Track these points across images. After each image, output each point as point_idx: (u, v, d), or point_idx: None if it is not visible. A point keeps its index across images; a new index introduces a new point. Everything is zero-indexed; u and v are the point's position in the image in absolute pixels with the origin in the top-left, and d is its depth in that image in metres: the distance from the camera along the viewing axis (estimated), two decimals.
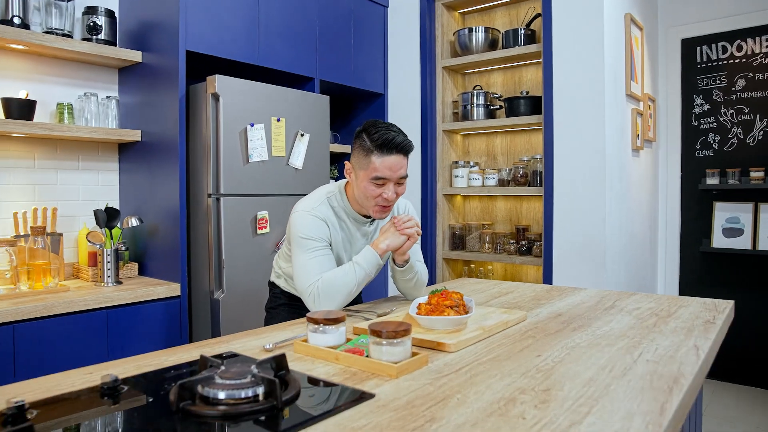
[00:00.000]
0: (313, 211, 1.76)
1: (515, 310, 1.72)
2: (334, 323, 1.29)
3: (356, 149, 1.75)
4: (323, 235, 1.74)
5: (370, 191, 1.70)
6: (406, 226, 1.74)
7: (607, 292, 2.02)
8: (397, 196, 1.75)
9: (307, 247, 1.71)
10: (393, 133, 1.69)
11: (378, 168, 1.68)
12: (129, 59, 2.75)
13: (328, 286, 1.65)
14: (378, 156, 1.68)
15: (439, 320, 1.40)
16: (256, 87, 2.70)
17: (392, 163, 1.68)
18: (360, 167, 1.72)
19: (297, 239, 1.74)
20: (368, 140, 1.69)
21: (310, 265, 1.69)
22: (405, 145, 1.70)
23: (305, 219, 1.74)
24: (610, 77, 2.98)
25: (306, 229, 1.73)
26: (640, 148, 3.44)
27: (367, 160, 1.69)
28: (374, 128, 1.70)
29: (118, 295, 2.38)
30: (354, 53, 3.54)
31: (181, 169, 2.60)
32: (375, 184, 1.70)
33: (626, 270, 3.22)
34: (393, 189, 1.71)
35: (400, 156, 1.70)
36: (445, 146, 3.67)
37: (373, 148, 1.68)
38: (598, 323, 1.54)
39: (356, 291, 1.69)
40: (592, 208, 2.94)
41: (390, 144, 1.67)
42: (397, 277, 1.89)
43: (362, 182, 1.71)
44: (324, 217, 1.76)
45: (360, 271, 1.68)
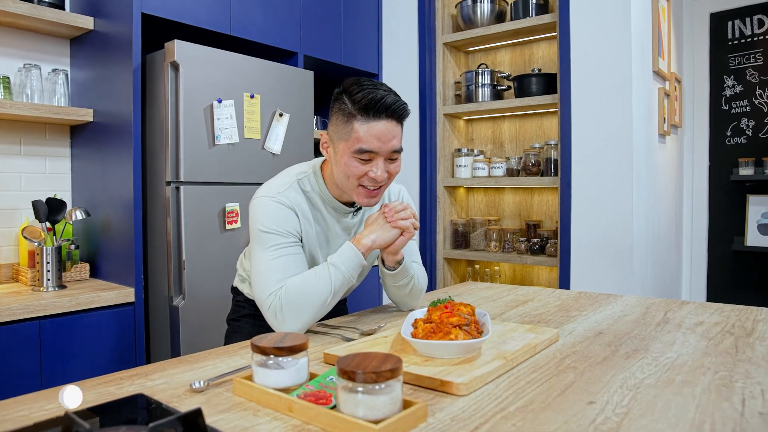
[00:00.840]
0: (279, 196, 1.35)
1: (541, 326, 1.32)
2: (291, 353, 0.89)
3: (335, 115, 1.34)
4: (291, 227, 1.34)
5: (353, 169, 1.30)
6: (399, 217, 1.34)
7: (651, 301, 1.62)
8: (390, 177, 1.35)
9: (268, 243, 1.31)
10: (383, 92, 1.29)
11: (362, 137, 1.27)
12: (78, 25, 2.35)
13: (293, 297, 1.25)
14: (362, 121, 1.27)
15: (443, 346, 1.00)
16: (224, 56, 2.29)
17: (381, 130, 1.28)
18: (339, 138, 1.32)
19: (256, 233, 1.33)
20: (349, 102, 1.29)
21: (272, 267, 1.29)
22: (398, 108, 1.30)
23: (267, 207, 1.34)
24: (637, 50, 2.58)
25: (268, 220, 1.32)
26: (667, 134, 3.04)
27: (348, 128, 1.29)
28: (358, 86, 1.30)
29: (55, 303, 1.98)
30: (344, 27, 3.13)
31: (135, 152, 2.19)
32: (359, 160, 1.29)
33: (653, 272, 2.82)
34: (383, 166, 1.31)
35: (392, 122, 1.30)
36: (447, 132, 3.27)
37: (355, 111, 1.28)
38: (657, 345, 1.14)
39: (332, 302, 1.28)
40: (618, 200, 2.54)
41: (378, 105, 1.27)
42: (388, 282, 1.48)
43: (342, 157, 1.31)
44: (292, 205, 1.36)
45: (336, 276, 1.27)
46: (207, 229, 2.23)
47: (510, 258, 2.97)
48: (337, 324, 1.39)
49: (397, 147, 1.31)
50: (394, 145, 1.30)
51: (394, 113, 1.29)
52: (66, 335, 2.01)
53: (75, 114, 2.35)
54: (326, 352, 1.08)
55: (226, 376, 0.97)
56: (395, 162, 1.35)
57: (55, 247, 2.17)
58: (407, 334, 1.07)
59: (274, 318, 1.26)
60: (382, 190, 1.37)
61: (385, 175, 1.32)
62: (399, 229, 1.34)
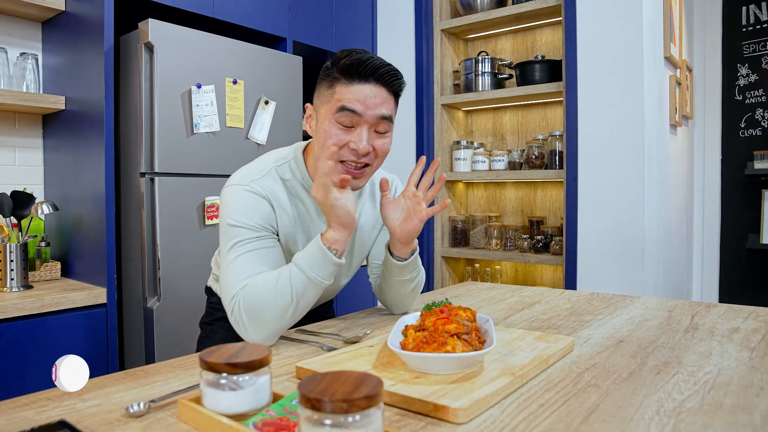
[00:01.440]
0: (252, 184, 1.18)
1: (552, 332, 1.15)
2: (247, 370, 0.72)
3: (320, 81, 1.18)
4: (263, 220, 1.16)
5: (333, 136, 1.12)
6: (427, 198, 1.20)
7: (673, 303, 1.44)
8: (377, 156, 1.16)
9: (236, 238, 1.13)
10: (372, 56, 1.13)
11: (344, 97, 1.10)
12: (48, 5, 2.17)
13: (251, 303, 1.07)
14: (346, 83, 1.11)
15: (437, 360, 0.82)
16: (204, 38, 2.12)
17: (366, 93, 1.11)
18: (321, 103, 1.15)
19: (224, 227, 1.16)
20: (335, 67, 1.13)
21: (237, 266, 1.11)
22: (386, 72, 1.12)
23: (238, 197, 1.16)
24: (649, 34, 2.41)
25: (237, 212, 1.15)
26: (678, 125, 2.87)
27: (330, 92, 1.13)
28: (346, 52, 1.13)
29: (16, 304, 1.80)
30: (336, 12, 2.95)
31: (107, 141, 2.02)
32: (339, 126, 1.12)
33: (664, 271, 2.65)
34: (367, 135, 1.12)
35: (380, 87, 1.12)
36: (445, 124, 3.10)
37: (339, 74, 1.12)
38: (691, 357, 0.97)
39: (300, 309, 1.08)
40: (628, 195, 2.37)
41: (364, 66, 1.10)
42: (393, 276, 1.28)
43: (322, 124, 1.14)
44: (267, 194, 1.18)
45: (298, 279, 1.06)
46: (185, 224, 2.06)
47: (512, 256, 2.80)
48: (318, 330, 1.22)
49: (384, 113, 1.13)
50: (380, 111, 1.12)
51: (383, 78, 1.12)
52: (28, 340, 1.84)
53: (44, 101, 2.18)
54: (299, 365, 0.91)
55: (172, 397, 0.80)
56: (383, 137, 1.16)
57: (20, 244, 2.00)
58: (395, 344, 0.90)
59: (237, 327, 1.08)
60: (368, 170, 1.18)
61: (369, 148, 1.13)
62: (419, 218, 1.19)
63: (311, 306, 1.11)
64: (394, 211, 1.21)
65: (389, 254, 1.27)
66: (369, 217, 1.36)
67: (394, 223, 1.21)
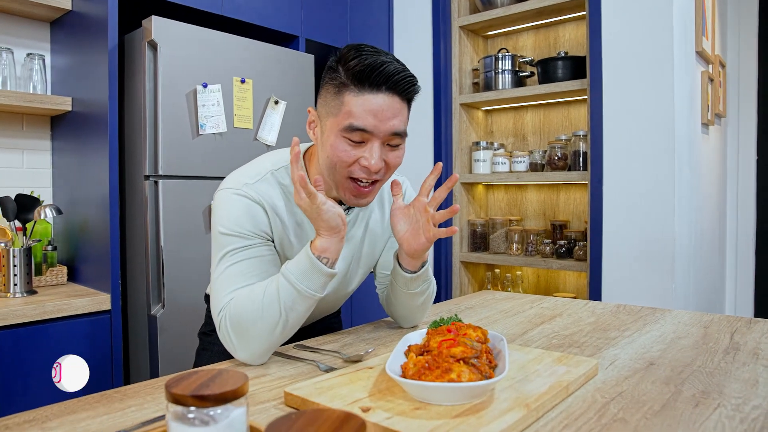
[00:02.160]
0: (245, 188, 1.09)
1: (573, 352, 1.04)
2: (218, 403, 0.62)
3: (324, 86, 1.06)
4: (256, 227, 1.07)
5: (341, 153, 1.02)
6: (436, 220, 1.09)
7: (708, 318, 1.32)
8: (388, 170, 1.07)
9: (226, 247, 1.04)
10: (384, 58, 1.01)
11: (354, 112, 0.99)
12: (54, 5, 2.13)
13: (236, 318, 0.98)
14: (356, 93, 0.99)
15: (439, 389, 0.72)
16: (210, 35, 2.05)
17: (378, 105, 0.99)
18: (328, 113, 1.04)
19: (215, 235, 1.07)
20: (343, 70, 1.01)
21: (226, 277, 1.02)
22: (401, 80, 1.01)
23: (229, 202, 1.08)
24: (679, 29, 2.27)
25: (228, 219, 1.06)
26: (711, 124, 2.71)
27: (338, 101, 1.01)
28: (355, 51, 1.02)
29: (16, 311, 1.75)
30: (351, 8, 2.87)
31: (111, 143, 1.96)
32: (348, 141, 1.01)
33: (696, 281, 2.50)
34: (379, 151, 1.02)
35: (393, 97, 1.01)
36: (464, 124, 2.99)
37: (348, 80, 1.00)
38: (735, 386, 0.85)
39: (291, 324, 0.99)
40: (657, 198, 2.23)
41: (376, 74, 0.98)
42: (401, 288, 1.18)
43: (329, 138, 1.03)
44: (261, 199, 1.09)
45: (286, 291, 0.96)
46: (190, 228, 1.99)
47: (533, 262, 2.68)
48: (318, 346, 1.13)
49: (398, 129, 1.03)
50: (394, 126, 1.01)
51: (397, 86, 1.01)
52: (30, 347, 1.79)
53: (51, 102, 2.13)
54: (288, 390, 0.82)
55: (141, 428, 0.71)
56: (396, 150, 1.06)
57: (23, 248, 1.95)
58: (395, 368, 0.80)
59: (225, 343, 1.00)
60: (376, 186, 1.08)
61: (381, 164, 1.03)
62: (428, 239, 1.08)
63: (304, 320, 1.02)
64: (404, 221, 1.11)
65: (398, 265, 1.18)
66: (377, 224, 1.26)
67: (403, 235, 1.12)
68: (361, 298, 2.63)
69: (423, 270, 1.17)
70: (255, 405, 0.82)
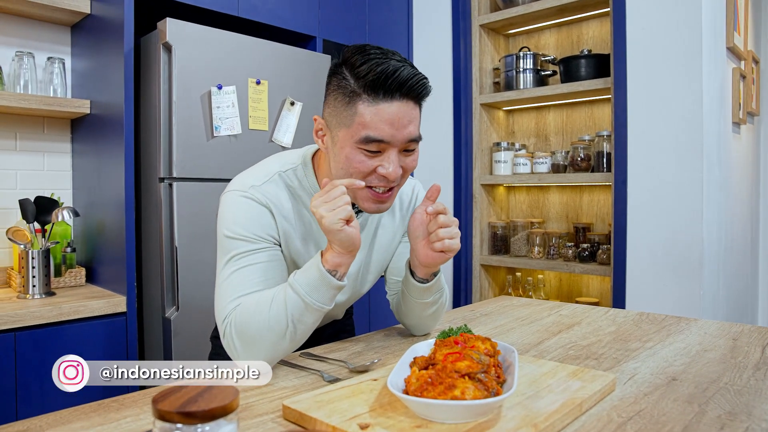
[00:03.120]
0: (251, 191, 1.06)
1: (590, 365, 0.98)
2: (205, 420, 0.60)
3: (332, 94, 1.01)
4: (262, 230, 1.04)
5: (357, 164, 0.98)
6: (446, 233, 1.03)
7: (737, 328, 1.25)
8: (405, 175, 1.03)
9: (232, 251, 1.02)
10: (396, 63, 0.96)
11: (369, 122, 0.95)
12: (73, 9, 2.14)
13: (242, 326, 0.95)
14: (369, 103, 0.95)
15: (441, 408, 0.68)
16: (224, 37, 2.04)
17: (394, 113, 0.95)
18: (339, 123, 0.99)
19: (221, 238, 1.05)
20: (352, 77, 0.96)
21: (232, 283, 1.00)
22: (415, 84, 0.96)
23: (235, 205, 1.05)
24: (708, 24, 2.18)
25: (234, 223, 1.03)
26: (742, 122, 2.61)
27: (350, 111, 0.97)
28: (362, 56, 0.97)
29: (34, 312, 1.76)
30: (369, 8, 2.84)
31: (127, 145, 1.96)
32: (364, 152, 0.97)
33: (726, 288, 2.40)
34: (396, 159, 0.98)
35: (408, 102, 0.97)
36: (484, 124, 2.93)
37: (360, 89, 0.95)
38: (766, 406, 0.79)
39: (299, 333, 0.96)
40: (684, 200, 2.15)
41: (391, 80, 0.94)
42: (413, 296, 1.14)
43: (343, 149, 0.99)
44: (267, 202, 1.05)
45: (294, 301, 0.94)
46: (204, 231, 1.98)
47: (555, 266, 2.61)
48: (325, 354, 1.10)
49: (414, 135, 0.99)
50: (410, 133, 0.98)
51: (411, 91, 0.96)
52: (46, 349, 1.80)
53: (70, 105, 2.15)
54: (286, 404, 0.79)
55: None
56: (411, 154, 1.02)
57: (42, 250, 1.97)
58: (398, 382, 0.76)
59: (229, 352, 0.97)
60: (394, 192, 1.04)
61: (399, 171, 0.99)
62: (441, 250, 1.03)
63: (312, 330, 0.99)
64: (421, 228, 1.07)
65: (410, 273, 1.14)
66: (387, 230, 1.23)
67: (418, 243, 1.08)
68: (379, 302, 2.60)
69: (435, 280, 1.13)
70: (253, 418, 0.79)
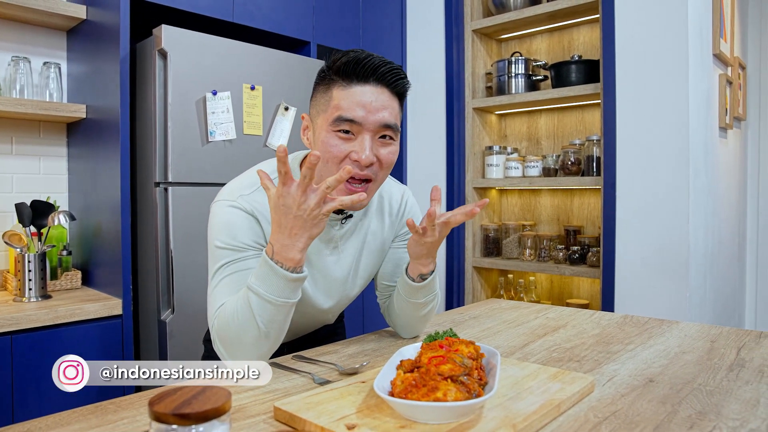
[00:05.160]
0: (239, 200, 1.09)
1: (571, 368, 1.02)
2: (199, 421, 0.63)
3: (316, 90, 1.10)
4: (249, 238, 1.07)
5: (332, 147, 1.02)
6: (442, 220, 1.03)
7: (716, 331, 1.29)
8: (381, 166, 1.06)
9: (220, 261, 1.05)
10: (369, 54, 1.03)
11: (341, 104, 1.01)
12: (69, 14, 2.17)
13: (222, 331, 1.00)
14: (343, 86, 1.02)
15: (423, 409, 0.72)
16: (219, 43, 2.07)
17: (366, 97, 1.01)
18: (318, 112, 1.07)
19: (211, 248, 1.08)
20: (332, 69, 1.04)
21: (219, 291, 1.04)
22: (387, 71, 1.02)
23: (223, 215, 1.08)
24: (695, 31, 2.23)
25: (221, 232, 1.06)
26: (729, 127, 2.65)
27: (327, 97, 1.04)
28: (343, 53, 1.05)
29: (30, 315, 1.79)
30: (363, 13, 2.87)
31: (123, 150, 1.99)
32: (338, 135, 1.02)
33: (713, 290, 2.44)
34: (369, 143, 1.02)
35: (381, 88, 1.03)
36: (477, 128, 2.97)
37: (336, 76, 1.03)
38: (734, 407, 0.83)
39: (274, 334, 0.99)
40: (672, 204, 2.19)
41: (362, 66, 1.01)
42: (405, 296, 1.18)
43: (320, 135, 1.05)
44: (253, 210, 1.08)
45: (257, 304, 0.95)
46: (199, 234, 2.00)
47: (546, 268, 2.65)
48: (316, 357, 1.13)
49: (388, 121, 1.03)
50: (384, 118, 1.02)
51: (383, 78, 1.02)
52: (43, 352, 1.82)
53: (66, 110, 2.17)
54: (277, 405, 0.82)
55: None
56: (389, 146, 1.06)
57: (38, 253, 1.99)
58: (383, 385, 0.80)
59: (220, 355, 1.00)
60: (371, 187, 1.07)
61: (373, 158, 1.03)
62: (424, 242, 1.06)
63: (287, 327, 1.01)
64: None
65: (405, 272, 1.17)
66: (376, 235, 1.26)
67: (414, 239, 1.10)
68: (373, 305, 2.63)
69: (429, 279, 1.16)
70: (245, 419, 0.82)
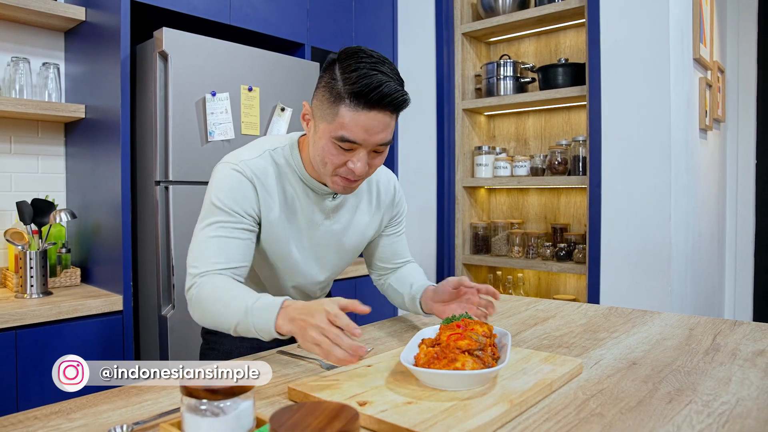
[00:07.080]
0: (241, 164, 1.17)
1: (561, 352, 1.10)
2: (227, 396, 0.69)
3: (322, 87, 1.12)
4: (244, 207, 1.16)
5: (331, 156, 1.12)
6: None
7: (695, 320, 1.37)
8: (371, 170, 1.17)
9: (214, 217, 1.15)
10: (382, 77, 1.05)
11: (347, 125, 1.07)
12: (69, 16, 2.20)
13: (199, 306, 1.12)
14: (351, 108, 1.06)
15: (444, 376, 0.80)
16: (218, 45, 2.12)
17: (371, 122, 1.07)
18: (322, 117, 1.11)
19: (207, 203, 1.18)
20: (341, 79, 1.07)
21: (207, 247, 1.14)
22: (395, 99, 1.07)
23: (226, 176, 1.17)
24: (676, 35, 2.32)
25: (223, 193, 1.16)
26: (709, 129, 2.76)
27: (333, 110, 1.08)
28: (354, 61, 1.07)
29: (34, 311, 1.83)
30: (356, 16, 2.94)
31: (123, 150, 2.04)
32: (338, 147, 1.10)
33: (693, 284, 2.54)
34: (365, 158, 1.11)
35: (386, 114, 1.08)
36: (466, 129, 3.05)
37: (345, 93, 1.06)
38: (708, 384, 0.91)
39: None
40: (654, 202, 2.28)
41: (374, 94, 1.04)
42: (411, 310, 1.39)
43: (321, 139, 1.12)
44: (252, 175, 1.17)
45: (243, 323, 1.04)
46: None
47: (534, 264, 2.73)
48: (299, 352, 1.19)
49: (385, 140, 1.12)
50: (382, 138, 1.11)
51: (391, 104, 1.07)
52: (46, 346, 1.86)
53: (65, 110, 2.21)
54: (291, 386, 0.88)
55: (156, 420, 0.78)
56: (380, 155, 1.16)
57: (39, 251, 2.03)
58: (408, 358, 0.88)
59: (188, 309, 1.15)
60: (360, 181, 1.19)
61: (366, 169, 1.14)
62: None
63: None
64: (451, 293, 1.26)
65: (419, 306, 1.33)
66: (364, 215, 1.36)
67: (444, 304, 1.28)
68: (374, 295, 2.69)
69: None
70: (261, 399, 0.88)
